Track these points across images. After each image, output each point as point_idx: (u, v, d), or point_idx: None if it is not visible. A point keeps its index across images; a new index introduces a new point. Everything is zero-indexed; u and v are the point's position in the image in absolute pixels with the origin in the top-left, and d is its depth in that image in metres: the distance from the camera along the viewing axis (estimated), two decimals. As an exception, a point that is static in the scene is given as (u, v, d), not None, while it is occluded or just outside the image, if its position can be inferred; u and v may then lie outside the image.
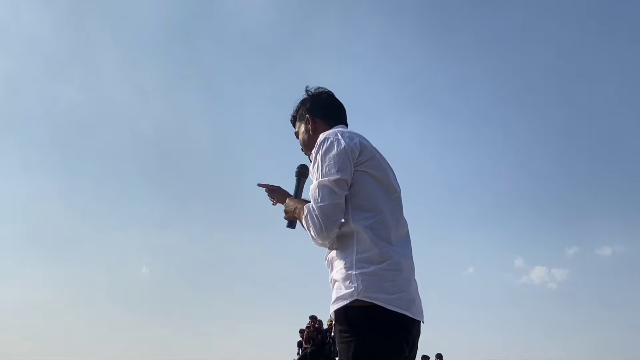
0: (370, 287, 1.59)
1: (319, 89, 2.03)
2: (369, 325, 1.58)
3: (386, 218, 1.70)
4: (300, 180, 1.99)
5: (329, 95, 2.03)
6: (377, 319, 1.58)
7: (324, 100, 2.00)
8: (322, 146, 1.75)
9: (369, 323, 1.58)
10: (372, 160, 1.75)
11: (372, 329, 1.57)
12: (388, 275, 1.62)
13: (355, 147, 1.72)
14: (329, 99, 2.02)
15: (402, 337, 1.60)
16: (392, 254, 1.65)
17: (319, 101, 2.00)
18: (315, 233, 1.70)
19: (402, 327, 1.61)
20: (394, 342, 1.58)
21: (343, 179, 1.69)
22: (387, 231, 1.69)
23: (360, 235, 1.67)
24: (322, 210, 1.67)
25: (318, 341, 11.12)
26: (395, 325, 1.59)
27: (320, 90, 2.03)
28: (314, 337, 11.24)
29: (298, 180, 1.99)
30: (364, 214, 1.70)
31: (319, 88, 2.03)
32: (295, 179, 2.00)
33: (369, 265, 1.62)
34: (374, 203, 1.71)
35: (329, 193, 1.68)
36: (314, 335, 11.23)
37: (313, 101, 2.01)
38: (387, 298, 1.59)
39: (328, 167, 1.70)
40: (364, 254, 1.65)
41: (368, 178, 1.73)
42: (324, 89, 2.04)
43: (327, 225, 1.67)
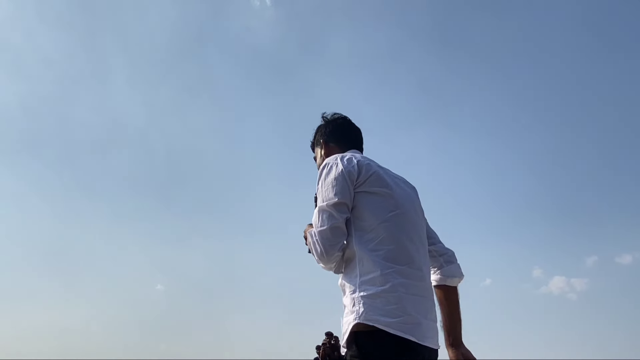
0: (371, 310, 1.58)
1: (335, 115, 2.10)
2: (377, 350, 1.55)
3: (390, 238, 1.67)
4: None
5: (344, 121, 2.08)
6: (383, 343, 1.55)
7: (338, 126, 2.07)
8: (323, 172, 1.79)
9: (377, 348, 1.55)
10: (372, 177, 1.74)
11: (380, 354, 1.55)
12: (391, 298, 1.58)
13: (353, 170, 1.74)
14: (343, 125, 2.07)
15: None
16: (396, 276, 1.61)
17: (334, 127, 2.07)
18: (317, 257, 1.72)
19: (409, 352, 1.55)
20: None
21: (342, 202, 1.70)
22: (392, 252, 1.65)
23: (363, 258, 1.66)
24: (322, 234, 1.69)
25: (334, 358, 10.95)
26: (402, 350, 1.54)
27: (335, 116, 2.10)
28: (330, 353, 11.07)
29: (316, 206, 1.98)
30: (366, 236, 1.69)
31: (334, 114, 2.10)
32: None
33: (372, 287, 1.61)
34: (377, 223, 1.69)
35: (328, 217, 1.70)
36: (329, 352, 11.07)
37: (328, 127, 2.07)
38: (389, 321, 1.56)
39: (327, 191, 1.73)
40: (366, 276, 1.64)
41: (370, 198, 1.72)
42: (339, 114, 2.10)
43: (327, 249, 1.69)
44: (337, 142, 2.02)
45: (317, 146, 2.10)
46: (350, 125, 2.07)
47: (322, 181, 1.76)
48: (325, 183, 1.75)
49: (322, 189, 1.75)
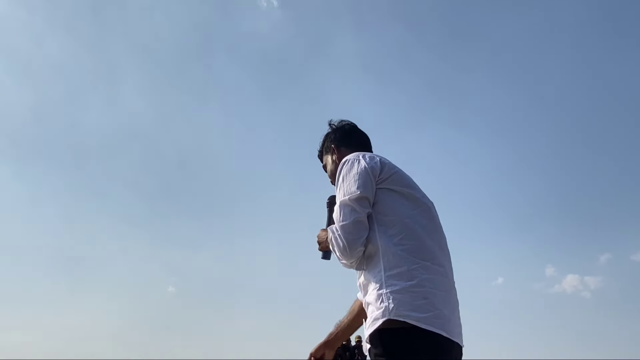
0: (401, 305, 1.54)
1: (342, 122, 2.10)
2: (404, 348, 1.51)
3: (413, 234, 1.65)
4: (331, 211, 1.96)
5: (351, 127, 2.09)
6: (411, 341, 1.51)
7: (347, 131, 2.07)
8: (344, 168, 1.77)
9: (404, 346, 1.51)
10: (395, 176, 1.74)
11: (407, 352, 1.51)
12: (420, 293, 1.55)
13: (376, 166, 1.73)
14: (352, 130, 2.08)
15: (441, 357, 1.53)
16: (422, 271, 1.58)
17: (343, 132, 2.05)
18: (340, 252, 1.68)
19: (438, 348, 1.52)
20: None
21: (364, 197, 1.68)
22: (417, 247, 1.63)
23: (387, 253, 1.62)
24: (344, 229, 1.66)
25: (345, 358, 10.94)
26: (431, 347, 1.51)
27: (343, 122, 2.10)
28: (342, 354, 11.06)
29: (329, 211, 1.99)
30: (389, 231, 1.65)
31: (342, 121, 2.10)
32: (327, 210, 1.99)
33: (399, 282, 1.57)
34: (399, 219, 1.67)
35: (350, 211, 1.67)
36: (341, 352, 11.06)
37: (337, 133, 2.07)
38: (420, 317, 1.52)
39: (349, 186, 1.71)
40: (392, 271, 1.60)
41: (392, 194, 1.71)
42: (346, 121, 2.10)
43: (350, 243, 1.65)
44: (347, 145, 2.01)
45: (326, 153, 2.07)
46: (358, 131, 2.07)
47: (344, 176, 1.74)
48: (347, 178, 1.72)
49: (343, 184, 1.73)
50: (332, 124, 2.10)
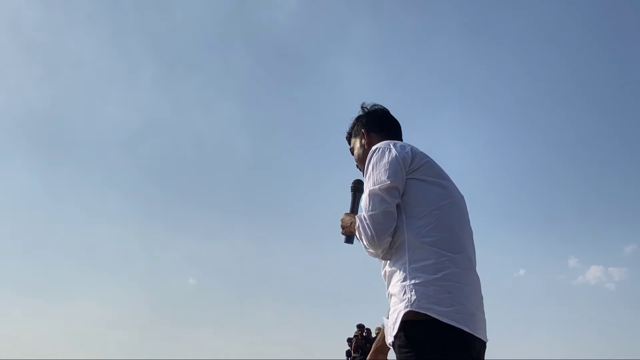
0: (424, 298, 1.52)
1: (375, 106, 2.05)
2: (427, 340, 1.49)
3: (442, 226, 1.62)
4: (356, 195, 1.96)
5: (384, 112, 2.03)
6: (435, 333, 1.49)
7: (379, 116, 2.02)
8: (374, 156, 1.74)
9: (427, 338, 1.50)
10: (426, 165, 1.71)
11: (431, 344, 1.49)
12: (445, 287, 1.53)
13: (407, 156, 1.70)
14: (383, 115, 2.03)
15: (464, 352, 1.50)
16: (449, 264, 1.56)
17: (374, 117, 2.02)
18: (367, 242, 1.67)
19: (462, 343, 1.50)
20: (456, 357, 1.48)
21: (394, 186, 1.66)
22: (444, 239, 1.60)
23: (414, 245, 1.61)
24: (373, 218, 1.64)
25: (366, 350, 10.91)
26: (455, 340, 1.49)
27: (375, 107, 2.04)
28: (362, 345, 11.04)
29: (353, 195, 1.97)
30: (417, 222, 1.63)
31: (374, 105, 2.05)
32: (351, 195, 1.97)
33: (423, 275, 1.55)
34: (429, 210, 1.64)
35: (380, 201, 1.65)
36: (362, 344, 11.04)
37: (368, 117, 2.02)
38: (443, 310, 1.50)
39: (379, 175, 1.68)
40: (417, 263, 1.58)
41: (422, 185, 1.68)
42: (379, 105, 2.05)
43: (378, 233, 1.63)
44: (378, 131, 1.96)
45: (355, 137, 2.03)
46: (390, 117, 2.02)
47: (374, 165, 1.71)
48: (377, 167, 1.70)
49: (373, 173, 1.70)
50: (365, 107, 2.04)
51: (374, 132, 1.97)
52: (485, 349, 1.64)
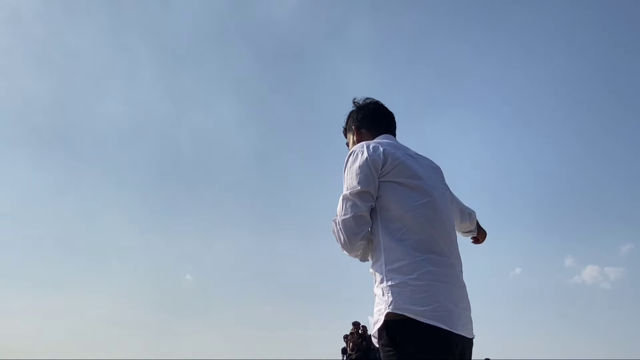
0: (400, 299, 1.57)
1: (366, 100, 2.06)
2: (408, 339, 1.54)
3: (417, 227, 1.65)
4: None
5: (375, 106, 2.04)
6: (414, 332, 1.53)
7: (370, 111, 2.03)
8: (348, 160, 1.78)
9: (408, 337, 1.54)
10: (399, 167, 1.72)
11: (412, 343, 1.53)
12: (421, 286, 1.57)
13: (378, 158, 1.71)
14: (375, 110, 2.03)
15: (445, 350, 1.54)
16: (425, 264, 1.60)
17: (365, 112, 2.03)
18: (341, 246, 1.72)
19: (441, 340, 1.53)
20: (436, 354, 1.52)
21: (365, 191, 1.69)
22: (419, 240, 1.64)
23: (388, 246, 1.65)
24: (345, 223, 1.69)
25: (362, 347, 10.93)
26: (434, 338, 1.52)
27: (367, 101, 2.06)
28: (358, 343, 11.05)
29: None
30: (392, 226, 1.67)
31: (366, 99, 2.06)
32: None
33: (399, 276, 1.60)
34: (402, 213, 1.67)
35: (351, 206, 1.69)
36: (357, 341, 11.05)
37: (360, 113, 2.04)
38: (420, 310, 1.54)
39: (351, 180, 1.72)
40: (393, 264, 1.62)
41: (396, 187, 1.70)
42: (371, 99, 2.06)
43: (350, 238, 1.68)
44: (368, 127, 1.99)
45: (349, 132, 2.08)
46: (382, 110, 2.03)
47: (348, 169, 1.75)
48: (350, 171, 1.73)
49: (346, 177, 1.74)
50: (357, 102, 2.06)
51: (365, 128, 2.00)
52: (471, 345, 1.67)
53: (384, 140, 1.86)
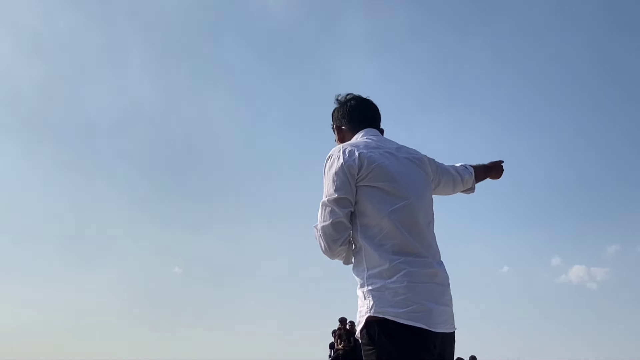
0: (380, 303, 1.62)
1: (347, 96, 2.05)
2: (387, 339, 1.58)
3: (395, 231, 1.68)
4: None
5: (355, 102, 2.03)
6: (393, 333, 1.58)
7: (349, 108, 2.02)
8: (325, 165, 1.80)
9: (387, 336, 1.59)
10: (375, 171, 1.73)
11: (391, 342, 1.58)
12: (399, 289, 1.62)
13: (353, 163, 1.72)
14: (354, 105, 2.02)
15: (423, 348, 1.58)
16: (403, 266, 1.64)
17: (345, 110, 2.03)
18: (322, 251, 1.77)
19: (419, 339, 1.58)
20: (414, 353, 1.57)
21: (342, 197, 1.71)
22: (398, 244, 1.67)
23: (368, 252, 1.69)
24: (324, 229, 1.73)
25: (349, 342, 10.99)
26: (412, 338, 1.57)
27: (348, 97, 2.05)
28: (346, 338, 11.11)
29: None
30: (370, 231, 1.70)
31: (347, 95, 2.05)
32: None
33: (379, 280, 1.65)
34: (379, 218, 1.70)
35: (329, 212, 1.73)
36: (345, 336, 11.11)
37: (340, 111, 2.04)
38: (399, 312, 1.59)
39: (328, 186, 1.75)
40: (374, 269, 1.67)
41: (373, 192, 1.72)
42: (352, 95, 2.05)
43: (329, 244, 1.73)
44: (349, 124, 1.99)
45: (334, 130, 2.09)
46: (363, 104, 2.02)
47: (325, 175, 1.77)
48: (327, 177, 1.75)
49: (325, 183, 1.76)
50: (339, 100, 2.06)
51: (346, 125, 2.01)
52: (452, 339, 1.72)
53: (362, 140, 1.86)
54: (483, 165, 2.27)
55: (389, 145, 1.86)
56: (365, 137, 1.90)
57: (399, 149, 1.86)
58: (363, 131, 1.94)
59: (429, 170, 1.93)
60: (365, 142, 1.84)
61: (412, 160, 1.86)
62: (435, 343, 1.61)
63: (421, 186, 1.83)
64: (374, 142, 1.85)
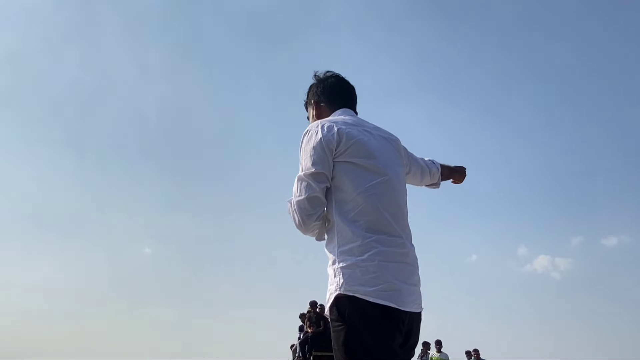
0: (350, 280, 1.62)
1: (327, 74, 2.05)
2: (357, 314, 1.59)
3: (369, 208, 1.68)
4: None
5: (335, 80, 2.03)
6: (363, 308, 1.58)
7: (328, 85, 2.02)
8: (303, 140, 1.79)
9: (356, 313, 1.59)
10: (353, 147, 1.73)
11: (360, 318, 1.58)
12: (370, 267, 1.62)
13: (332, 138, 1.72)
14: (334, 83, 2.02)
15: (392, 326, 1.60)
16: (375, 244, 1.64)
17: (325, 86, 2.02)
18: (296, 226, 1.76)
19: (388, 317, 1.59)
20: (383, 330, 1.58)
21: (319, 172, 1.71)
22: (371, 221, 1.67)
23: (341, 228, 1.69)
24: (299, 204, 1.72)
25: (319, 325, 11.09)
26: (383, 314, 1.58)
27: (327, 74, 2.05)
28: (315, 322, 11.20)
29: None
30: (345, 206, 1.70)
31: (327, 72, 2.05)
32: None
33: (351, 257, 1.64)
34: (355, 194, 1.70)
35: (305, 187, 1.71)
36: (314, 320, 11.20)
37: (319, 87, 2.03)
38: (369, 290, 1.59)
39: (305, 160, 1.74)
40: (345, 246, 1.66)
41: (350, 167, 1.72)
42: (331, 73, 2.05)
43: (304, 219, 1.72)
44: (327, 101, 1.99)
45: (309, 106, 2.08)
46: (343, 84, 2.04)
47: (302, 149, 1.76)
48: (304, 151, 1.75)
49: (301, 158, 1.75)
50: (317, 76, 2.06)
51: (324, 102, 2.00)
52: (419, 318, 1.74)
53: (340, 118, 1.87)
54: (448, 165, 2.29)
55: (365, 125, 1.88)
56: (342, 115, 1.90)
57: (375, 129, 1.89)
58: (340, 110, 1.95)
59: (403, 153, 1.97)
60: (344, 120, 1.84)
61: (388, 140, 1.89)
62: (403, 321, 1.63)
63: (397, 165, 1.85)
64: (352, 120, 1.86)
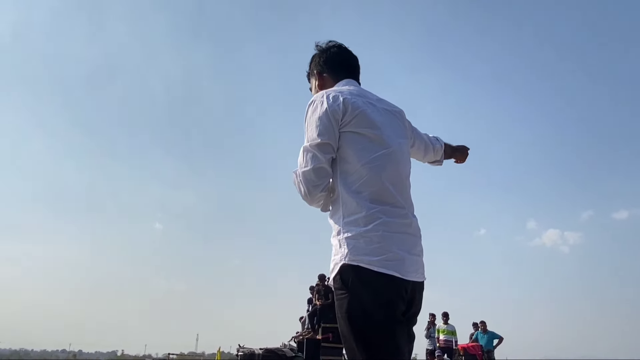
0: (355, 250, 1.63)
1: (329, 44, 2.02)
2: (360, 283, 1.61)
3: (373, 179, 1.69)
4: None
5: (339, 49, 2.01)
6: (367, 277, 1.61)
7: (332, 55, 2.00)
8: (308, 110, 1.77)
9: (360, 281, 1.61)
10: (359, 117, 1.73)
11: (364, 287, 1.61)
12: (375, 237, 1.63)
13: (337, 109, 1.72)
14: (337, 53, 2.01)
15: (395, 294, 1.62)
16: (379, 215, 1.65)
17: (327, 56, 2.01)
18: (302, 197, 1.76)
19: (391, 286, 1.61)
20: (386, 298, 1.60)
21: (325, 143, 1.70)
22: (375, 192, 1.68)
23: (346, 199, 1.70)
24: (305, 175, 1.72)
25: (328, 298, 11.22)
26: (386, 283, 1.61)
27: (330, 44, 2.02)
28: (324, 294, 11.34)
29: None
30: (349, 178, 1.71)
31: (329, 42, 2.03)
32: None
33: (355, 228, 1.65)
34: (359, 165, 1.70)
35: (311, 158, 1.71)
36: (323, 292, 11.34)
37: (322, 57, 2.01)
38: (372, 260, 1.61)
39: (311, 131, 1.73)
40: (350, 217, 1.68)
41: (355, 138, 1.72)
42: (334, 42, 2.02)
43: (310, 190, 1.72)
44: (331, 72, 1.99)
45: (312, 77, 2.06)
46: (346, 54, 2.02)
47: (308, 120, 1.75)
48: (310, 122, 1.74)
49: (307, 128, 1.75)
50: (320, 46, 2.04)
51: (327, 73, 1.99)
52: (422, 287, 1.76)
53: (345, 88, 1.85)
54: (451, 145, 2.28)
55: (369, 96, 1.87)
56: (347, 86, 1.89)
57: (379, 101, 1.88)
58: (344, 81, 1.94)
59: (407, 126, 1.97)
60: (349, 90, 1.83)
61: (392, 112, 1.89)
62: (406, 289, 1.65)
63: (401, 137, 1.85)
64: (357, 91, 1.85)
